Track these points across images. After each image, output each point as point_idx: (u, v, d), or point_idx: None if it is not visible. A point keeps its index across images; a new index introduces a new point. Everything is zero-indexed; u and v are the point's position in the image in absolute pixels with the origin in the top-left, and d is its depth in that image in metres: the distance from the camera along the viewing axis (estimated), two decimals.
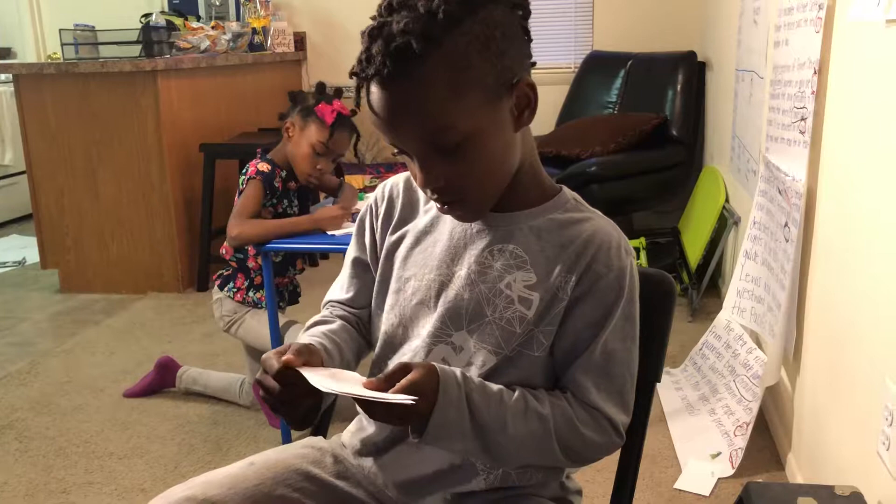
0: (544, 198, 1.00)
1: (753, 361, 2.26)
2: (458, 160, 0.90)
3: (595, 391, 0.96)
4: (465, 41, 0.85)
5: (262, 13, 4.69)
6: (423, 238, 1.05)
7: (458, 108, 0.87)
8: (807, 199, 1.87)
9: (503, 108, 0.91)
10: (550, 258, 0.97)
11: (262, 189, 2.30)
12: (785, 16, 2.14)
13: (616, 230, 0.99)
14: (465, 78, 0.86)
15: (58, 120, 3.66)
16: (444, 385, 0.90)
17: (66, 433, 2.43)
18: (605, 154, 3.65)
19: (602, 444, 0.97)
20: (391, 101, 0.87)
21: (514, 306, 0.96)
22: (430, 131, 0.88)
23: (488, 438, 0.92)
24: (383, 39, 0.85)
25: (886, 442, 1.34)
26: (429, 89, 0.86)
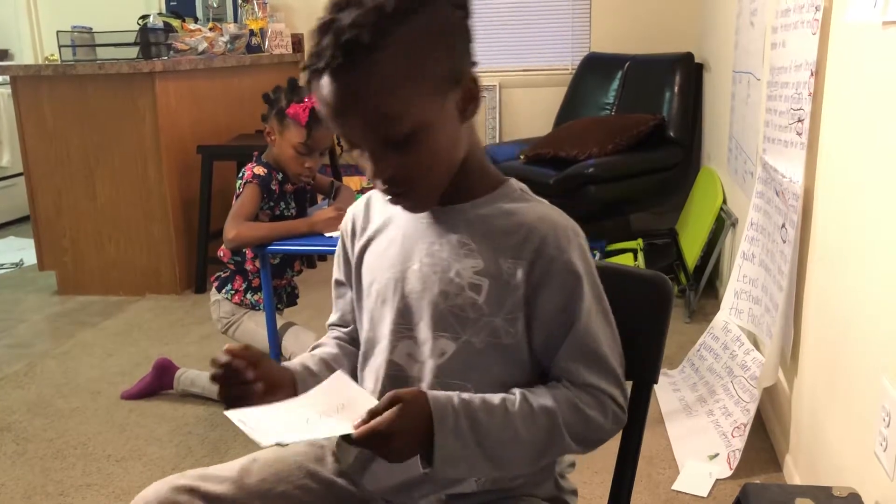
0: (490, 188, 1.02)
1: (751, 363, 2.26)
2: (407, 152, 0.92)
3: (587, 372, 0.97)
4: (414, 34, 0.88)
5: (259, 15, 4.69)
6: (380, 243, 1.07)
7: (408, 99, 0.89)
8: (804, 200, 1.87)
9: (450, 101, 0.93)
10: (496, 245, 0.98)
11: (258, 193, 2.30)
12: (782, 17, 2.14)
13: (562, 215, 1.01)
14: (414, 70, 0.88)
15: (55, 122, 3.66)
16: (438, 415, 0.90)
17: (64, 435, 2.43)
18: (602, 155, 3.66)
19: (606, 423, 0.98)
20: (341, 93, 0.89)
21: (465, 293, 0.98)
22: (380, 122, 0.90)
23: (499, 455, 0.93)
24: (333, 33, 0.87)
25: (884, 443, 1.34)
26: (378, 80, 0.87)
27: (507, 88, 4.67)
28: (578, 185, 3.55)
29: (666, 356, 1.15)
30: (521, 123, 4.66)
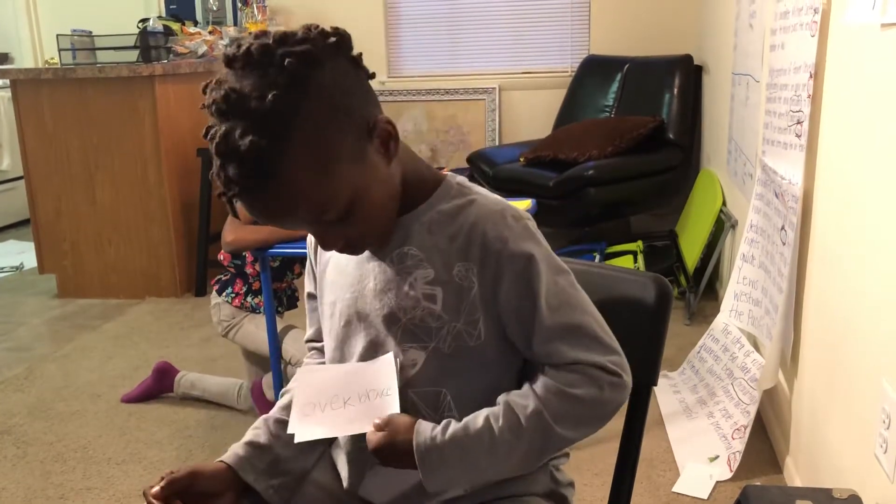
0: (428, 192, 1.00)
1: (751, 364, 2.26)
2: (350, 222, 0.92)
3: (567, 349, 0.95)
4: (310, 125, 0.85)
5: (259, 18, 4.69)
6: (339, 261, 1.07)
7: (332, 185, 0.88)
8: (803, 202, 1.87)
9: (370, 154, 0.92)
10: (444, 250, 0.97)
11: None
12: (780, 19, 2.14)
13: (499, 203, 0.99)
14: (325, 157, 0.87)
15: (55, 125, 3.66)
16: (420, 456, 0.93)
17: (64, 438, 2.43)
18: (602, 157, 3.66)
19: (603, 396, 0.94)
20: (267, 208, 0.89)
21: (422, 304, 0.97)
22: (315, 215, 0.90)
23: (496, 470, 0.96)
24: (234, 160, 0.84)
25: (884, 445, 1.34)
26: (297, 186, 0.86)
27: (506, 91, 4.67)
28: (578, 188, 3.55)
29: (666, 358, 1.15)
30: (521, 126, 4.67)
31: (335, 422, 0.98)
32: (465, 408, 0.98)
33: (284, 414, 1.10)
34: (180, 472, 1.00)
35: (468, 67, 4.69)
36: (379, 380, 0.99)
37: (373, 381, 0.99)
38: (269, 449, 1.07)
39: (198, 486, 1.01)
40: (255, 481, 1.04)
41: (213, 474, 1.03)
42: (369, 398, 0.98)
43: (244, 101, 0.83)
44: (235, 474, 1.04)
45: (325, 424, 0.99)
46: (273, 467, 1.07)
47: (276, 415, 1.11)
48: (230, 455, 1.06)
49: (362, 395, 0.99)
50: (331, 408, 0.99)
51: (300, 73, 0.85)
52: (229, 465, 1.04)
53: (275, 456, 1.07)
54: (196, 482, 1.01)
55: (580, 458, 2.19)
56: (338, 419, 0.98)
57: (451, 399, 0.99)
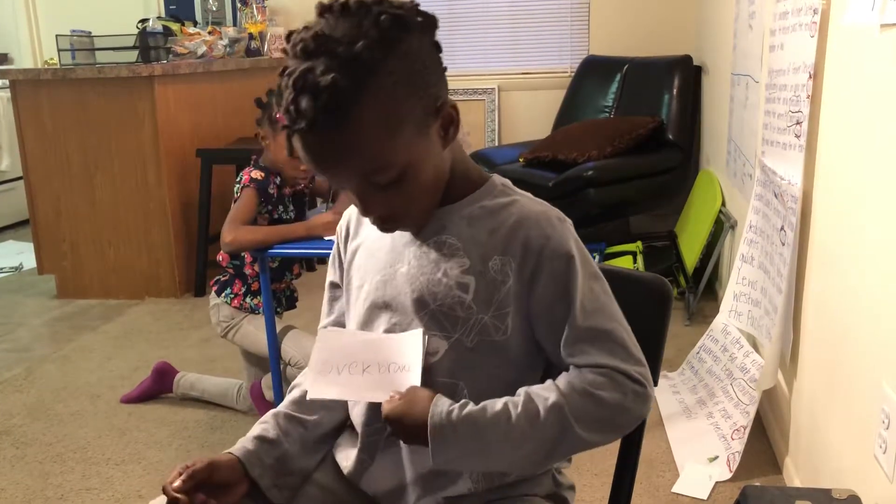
0: (473, 188, 1.02)
1: (750, 365, 2.26)
2: (396, 191, 0.94)
3: (595, 351, 0.95)
4: (390, 81, 0.88)
5: (258, 18, 4.69)
6: (371, 246, 1.08)
7: (393, 146, 0.90)
8: (803, 202, 1.87)
9: (432, 132, 0.94)
10: (482, 243, 0.98)
11: (256, 197, 2.30)
12: (780, 20, 2.14)
13: (543, 204, 1.01)
14: (395, 117, 0.89)
15: (55, 125, 3.66)
16: (433, 429, 0.93)
17: (63, 439, 2.43)
18: (601, 158, 3.66)
19: (626, 402, 0.94)
20: (325, 151, 0.90)
21: (453, 292, 0.98)
22: (367, 173, 0.92)
23: (506, 460, 0.95)
24: (310, 92, 0.85)
25: (883, 445, 1.34)
26: (361, 135, 0.88)
27: (505, 91, 4.67)
28: (577, 188, 3.55)
29: (665, 359, 1.15)
30: (520, 126, 4.67)
31: (351, 386, 1.00)
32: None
33: (293, 409, 1.11)
34: (200, 463, 1.01)
35: (467, 68, 4.70)
36: (403, 354, 0.99)
37: (396, 354, 1.00)
38: (277, 444, 1.08)
39: (216, 477, 1.01)
40: (259, 476, 1.05)
41: (228, 465, 1.04)
42: (389, 370, 0.99)
43: (333, 43, 0.86)
44: (244, 466, 1.05)
45: (340, 386, 1.00)
46: (280, 464, 1.07)
47: (285, 410, 1.11)
48: (239, 448, 1.07)
49: (382, 366, 0.99)
50: (348, 372, 1.00)
51: (391, 33, 0.87)
52: (238, 458, 1.05)
53: (283, 452, 1.08)
54: (214, 473, 1.01)
55: (580, 458, 2.19)
56: (354, 384, 1.00)
57: (467, 393, 0.99)
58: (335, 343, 1.05)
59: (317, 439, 1.12)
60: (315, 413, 1.12)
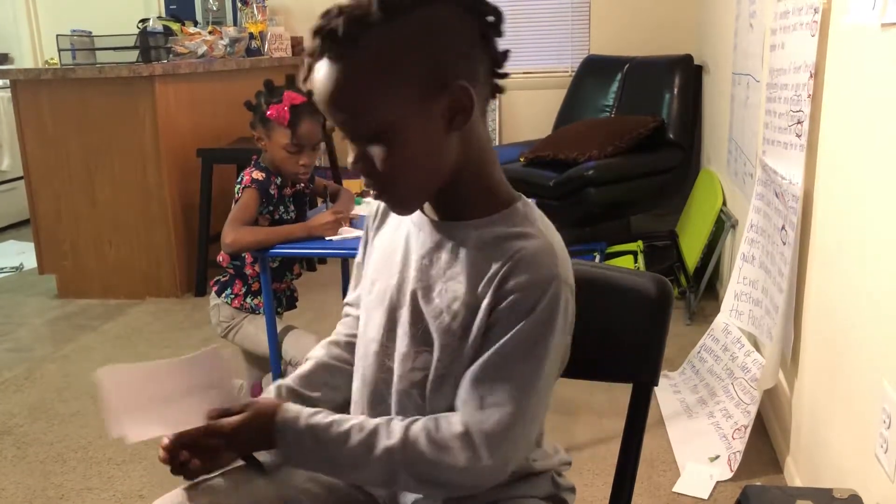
0: (492, 209, 0.97)
1: (751, 364, 2.26)
2: (380, 153, 0.91)
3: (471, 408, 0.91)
4: (400, 33, 0.88)
5: (258, 18, 4.69)
6: (387, 247, 1.07)
7: (380, 97, 0.89)
8: (803, 202, 1.87)
9: (433, 106, 0.90)
10: (480, 272, 0.94)
11: (257, 197, 2.30)
12: (780, 19, 2.14)
13: (551, 255, 0.93)
14: (393, 70, 0.88)
15: (55, 125, 3.66)
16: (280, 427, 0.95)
17: (64, 439, 2.43)
18: (602, 157, 3.66)
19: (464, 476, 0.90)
20: (322, 83, 0.90)
21: (442, 316, 0.96)
22: (351, 116, 0.91)
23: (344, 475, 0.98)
24: (325, 22, 0.88)
25: (884, 445, 1.34)
26: (355, 75, 0.88)
27: (506, 90, 4.67)
28: (578, 188, 3.55)
29: (666, 358, 1.15)
30: (521, 126, 4.67)
31: (163, 420, 0.97)
32: None
33: (297, 383, 1.11)
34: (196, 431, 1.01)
35: None
36: (202, 374, 0.99)
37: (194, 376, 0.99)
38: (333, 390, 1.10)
39: (208, 440, 1.01)
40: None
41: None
42: (192, 394, 0.98)
43: None
44: None
45: (152, 423, 0.98)
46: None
47: (289, 383, 1.11)
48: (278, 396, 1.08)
49: (184, 392, 0.98)
50: (153, 407, 0.98)
51: None
52: None
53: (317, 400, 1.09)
54: (208, 437, 1.01)
55: (581, 458, 2.19)
56: (165, 417, 0.97)
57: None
58: (124, 381, 0.98)
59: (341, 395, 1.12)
60: (318, 390, 1.11)
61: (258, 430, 0.96)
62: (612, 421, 2.39)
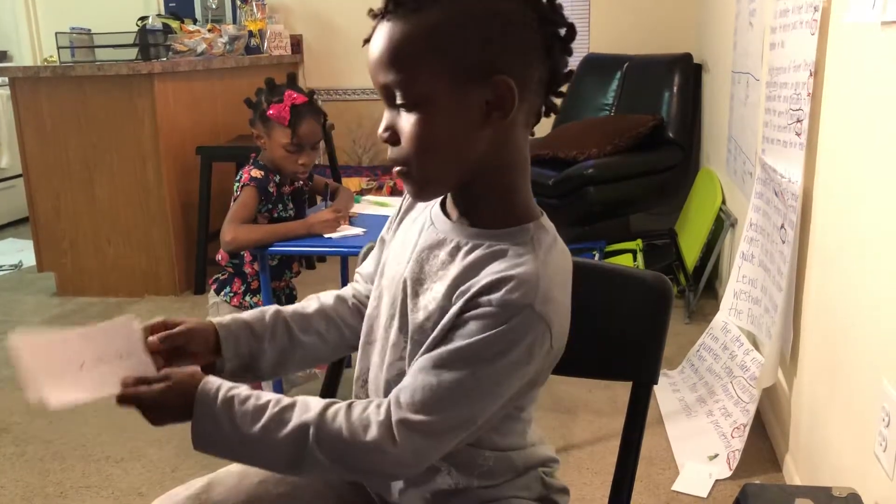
0: (504, 223, 0.95)
1: (750, 363, 2.26)
2: (413, 120, 0.90)
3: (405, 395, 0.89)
4: (462, 10, 0.88)
5: (258, 16, 4.69)
6: (404, 237, 1.06)
7: (427, 66, 0.88)
8: (803, 200, 1.87)
9: (471, 95, 0.89)
10: (462, 280, 0.92)
11: (256, 195, 2.30)
12: (780, 18, 2.14)
13: (534, 287, 0.87)
14: (445, 43, 0.88)
15: (54, 123, 3.66)
16: (200, 398, 0.91)
17: (63, 437, 2.43)
18: (601, 156, 3.66)
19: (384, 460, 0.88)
20: (380, 40, 0.90)
21: (418, 311, 0.96)
22: (395, 77, 0.90)
23: (251, 452, 0.92)
24: None
25: (883, 443, 1.34)
26: (408, 38, 0.88)
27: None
28: (578, 186, 3.55)
29: (665, 357, 1.15)
30: None
31: (83, 385, 0.97)
32: None
33: (293, 318, 1.10)
34: (178, 328, 1.04)
35: None
36: (116, 342, 0.99)
37: (109, 344, 0.99)
38: (259, 339, 1.07)
39: (189, 345, 1.03)
40: (228, 359, 1.05)
41: (203, 338, 1.05)
42: (106, 361, 0.98)
43: None
44: (218, 344, 1.05)
45: (73, 389, 0.97)
46: (251, 358, 1.07)
47: (286, 315, 1.11)
48: (223, 326, 1.07)
49: (99, 360, 0.98)
50: (68, 373, 0.98)
51: None
52: (214, 327, 1.06)
53: (260, 350, 1.07)
54: (189, 342, 1.04)
55: (580, 457, 2.20)
56: (80, 383, 0.97)
57: None
58: (39, 347, 0.98)
59: (294, 358, 1.11)
60: (309, 335, 1.11)
61: (177, 400, 0.93)
62: (611, 419, 2.39)
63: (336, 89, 5.01)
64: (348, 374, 1.13)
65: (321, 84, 5.04)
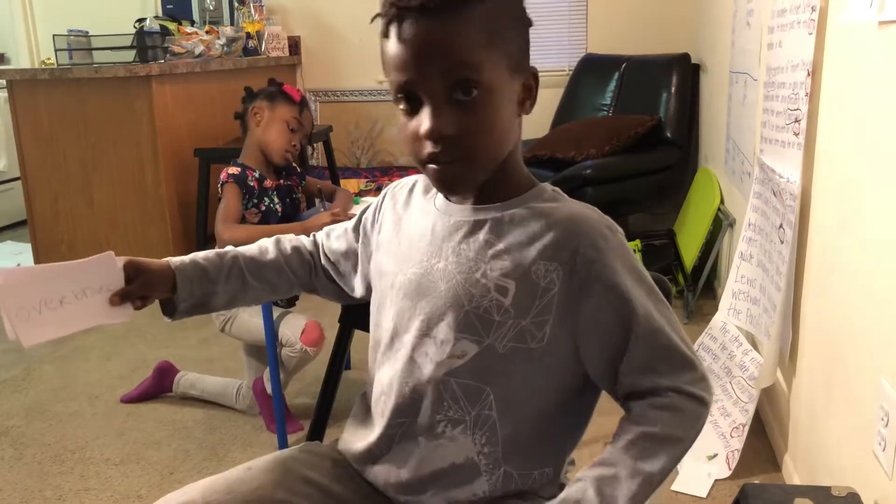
0: (522, 190, 1.02)
1: (749, 363, 2.26)
2: (469, 113, 0.91)
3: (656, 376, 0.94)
4: (502, 8, 0.93)
5: (256, 17, 4.69)
6: (412, 234, 1.06)
7: (488, 57, 0.91)
8: (801, 200, 1.87)
9: (514, 85, 0.96)
10: (526, 245, 0.96)
11: (237, 190, 2.36)
12: (778, 17, 2.14)
13: (595, 211, 1.00)
14: (498, 35, 0.92)
15: (52, 125, 3.65)
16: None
17: (62, 439, 2.42)
18: (599, 156, 3.66)
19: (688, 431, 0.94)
20: (427, 35, 0.90)
21: (490, 294, 0.96)
22: (458, 68, 0.90)
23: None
24: None
25: (882, 442, 1.34)
26: (468, 29, 0.90)
27: None
28: (576, 187, 3.55)
29: None
30: None
31: (59, 321, 1.00)
32: (507, 411, 0.98)
33: (249, 267, 1.17)
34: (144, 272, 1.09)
35: None
36: (97, 276, 1.03)
37: (88, 278, 1.02)
38: (213, 283, 1.15)
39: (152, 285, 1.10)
40: (180, 299, 1.13)
41: (161, 278, 1.12)
42: (87, 295, 1.02)
43: None
44: (175, 285, 1.12)
45: (49, 325, 0.99)
46: (202, 299, 1.15)
47: (242, 258, 1.18)
48: (181, 270, 1.13)
49: (78, 294, 1.01)
50: (47, 308, 1.00)
51: None
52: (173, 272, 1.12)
53: (212, 292, 1.15)
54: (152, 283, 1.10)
55: (581, 457, 2.19)
56: (61, 318, 1.00)
57: (493, 399, 0.97)
58: (19, 283, 1.00)
59: (244, 300, 1.20)
60: (260, 282, 1.18)
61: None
62: (611, 419, 2.38)
63: (334, 90, 5.01)
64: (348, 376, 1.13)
65: (319, 85, 5.04)
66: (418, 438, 1.01)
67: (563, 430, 1.05)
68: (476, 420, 0.98)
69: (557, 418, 1.02)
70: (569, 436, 1.06)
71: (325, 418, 1.29)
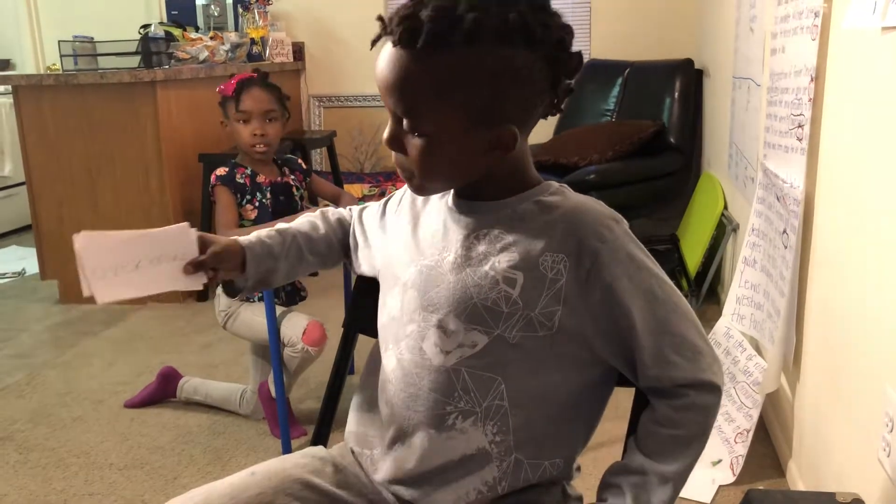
0: (528, 185, 1.03)
1: (753, 368, 2.26)
2: (417, 143, 0.95)
3: (675, 370, 0.97)
4: (474, 63, 0.90)
5: (260, 23, 4.71)
6: (427, 228, 1.08)
7: (433, 108, 0.92)
8: (805, 205, 1.87)
9: (476, 136, 0.94)
10: (533, 238, 0.97)
11: (228, 191, 2.40)
12: (781, 23, 2.14)
13: (599, 203, 1.01)
14: (453, 93, 0.91)
15: (57, 131, 3.67)
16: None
17: (66, 444, 2.43)
18: (603, 162, 3.66)
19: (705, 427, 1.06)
20: (393, 64, 0.92)
21: (499, 286, 0.97)
22: (403, 109, 0.94)
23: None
24: (413, 20, 0.89)
25: (887, 448, 1.34)
26: (419, 78, 0.91)
27: None
28: (579, 192, 3.55)
29: None
30: None
31: (134, 283, 1.05)
32: (519, 401, 0.99)
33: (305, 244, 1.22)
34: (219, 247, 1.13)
35: None
36: (172, 245, 1.06)
37: (164, 246, 1.06)
38: (276, 259, 1.18)
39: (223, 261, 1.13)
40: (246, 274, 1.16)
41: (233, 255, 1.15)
42: (160, 262, 1.06)
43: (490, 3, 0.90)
44: (243, 256, 1.15)
45: (124, 286, 1.04)
46: (265, 276, 1.18)
47: (299, 239, 1.21)
48: (249, 247, 1.17)
49: (153, 260, 1.05)
50: (124, 271, 1.04)
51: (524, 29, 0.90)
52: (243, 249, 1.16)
53: (274, 268, 1.19)
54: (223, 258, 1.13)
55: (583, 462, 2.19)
56: (135, 281, 1.05)
57: (504, 389, 0.98)
58: (99, 246, 1.05)
59: (298, 273, 1.24)
60: (313, 255, 1.23)
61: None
62: (614, 424, 2.37)
63: (338, 96, 5.02)
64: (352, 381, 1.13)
65: (323, 91, 5.05)
66: (428, 430, 1.01)
67: (576, 421, 1.05)
68: (487, 411, 0.99)
69: (570, 409, 1.03)
70: (581, 428, 1.07)
71: (328, 423, 1.29)
